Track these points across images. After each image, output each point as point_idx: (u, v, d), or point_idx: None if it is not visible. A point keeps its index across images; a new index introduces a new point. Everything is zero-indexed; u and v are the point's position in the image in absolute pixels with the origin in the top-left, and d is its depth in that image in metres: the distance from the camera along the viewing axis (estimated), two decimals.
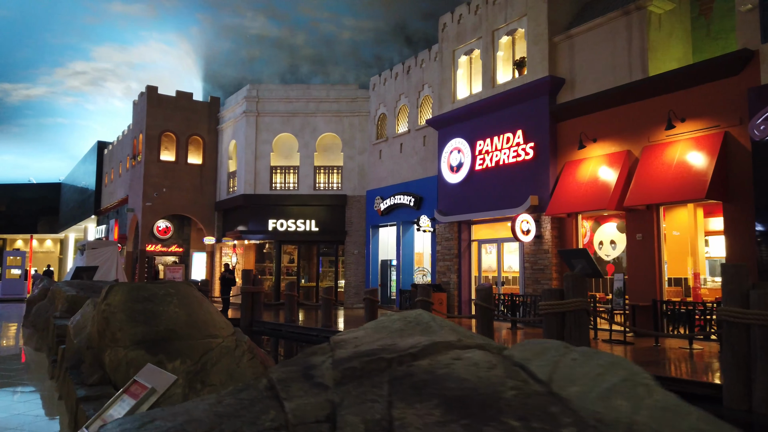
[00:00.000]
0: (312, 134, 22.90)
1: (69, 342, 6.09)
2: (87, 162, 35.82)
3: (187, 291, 5.48)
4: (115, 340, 4.77)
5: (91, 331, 5.13)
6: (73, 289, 8.88)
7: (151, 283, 5.43)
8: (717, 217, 13.36)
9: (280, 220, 22.71)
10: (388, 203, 20.69)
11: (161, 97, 24.53)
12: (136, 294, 5.10)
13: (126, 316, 4.87)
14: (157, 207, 24.12)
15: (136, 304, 5.00)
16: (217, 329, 5.30)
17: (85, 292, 8.95)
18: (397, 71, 21.12)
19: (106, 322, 4.86)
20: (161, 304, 5.10)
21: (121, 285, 5.17)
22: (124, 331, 4.78)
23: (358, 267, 22.32)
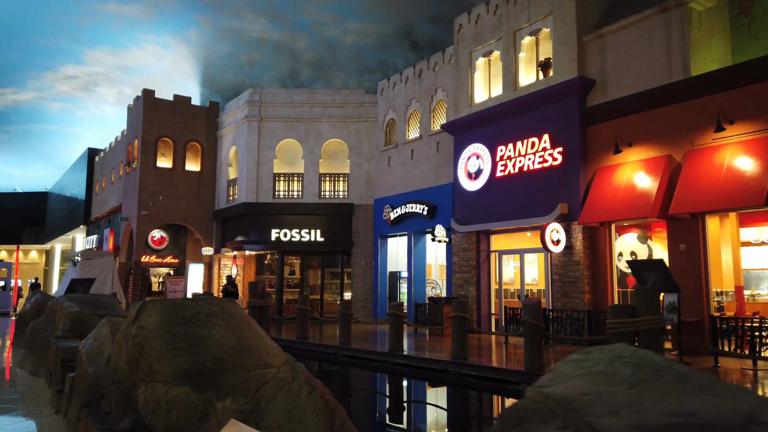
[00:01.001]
0: (317, 140, 21.98)
1: (81, 370, 5.06)
2: (76, 170, 34.50)
3: (233, 309, 4.49)
4: (152, 374, 3.78)
5: (117, 361, 4.12)
6: (76, 305, 7.82)
7: (190, 300, 4.44)
8: (750, 227, 12.66)
9: (284, 229, 21.67)
10: (399, 212, 19.77)
11: (158, 101, 23.48)
12: (174, 314, 4.10)
13: (165, 343, 3.88)
14: (153, 216, 22.97)
15: (176, 326, 4.01)
16: (270, 356, 4.32)
17: (89, 308, 7.89)
18: (407, 75, 20.31)
19: (140, 350, 3.86)
20: (205, 326, 4.11)
21: (156, 303, 4.18)
22: (164, 362, 3.79)
23: (365, 279, 21.32)
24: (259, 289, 15.31)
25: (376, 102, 21.75)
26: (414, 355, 10.81)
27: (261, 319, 15.11)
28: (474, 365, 9.58)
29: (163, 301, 4.22)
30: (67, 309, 7.61)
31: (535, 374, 8.59)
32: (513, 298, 16.24)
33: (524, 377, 8.68)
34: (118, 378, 4.02)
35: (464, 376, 9.58)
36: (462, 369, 9.68)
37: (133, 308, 4.28)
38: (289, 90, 22.57)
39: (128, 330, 4.10)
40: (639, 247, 14.59)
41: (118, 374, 4.04)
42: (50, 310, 8.32)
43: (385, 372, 10.90)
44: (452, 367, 9.85)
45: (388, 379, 10.54)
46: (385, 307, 20.71)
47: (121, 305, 10.94)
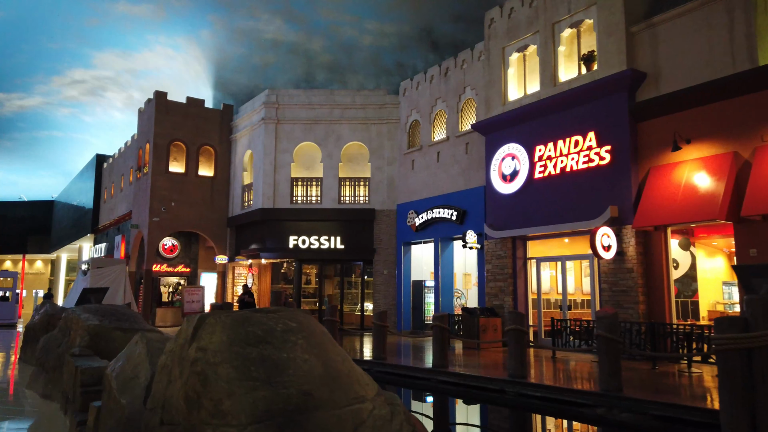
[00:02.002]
0: (336, 143, 21.04)
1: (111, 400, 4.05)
2: (84, 177, 33.63)
3: (311, 324, 3.48)
4: (221, 414, 2.76)
5: (167, 395, 3.10)
6: (94, 317, 6.82)
7: (259, 312, 3.42)
8: None
9: (302, 236, 20.68)
10: (424, 218, 18.77)
11: (170, 103, 22.61)
12: (244, 331, 3.09)
13: (236, 371, 2.87)
14: (164, 223, 22.02)
15: (247, 348, 3.00)
16: (362, 386, 3.31)
17: (110, 320, 6.89)
18: (432, 74, 19.39)
19: (203, 382, 2.85)
20: (284, 346, 3.10)
21: (218, 317, 3.17)
22: (237, 397, 2.77)
23: (387, 288, 20.28)
24: (283, 298, 14.30)
25: (398, 103, 20.84)
26: (464, 372, 9.75)
27: None
28: (537, 385, 8.52)
29: (227, 314, 3.22)
30: (85, 322, 6.62)
31: (614, 396, 7.54)
32: (553, 308, 15.18)
33: (601, 400, 7.63)
34: (171, 418, 2.99)
35: (525, 397, 8.53)
36: (523, 389, 8.62)
37: (188, 323, 3.26)
38: (308, 91, 21.68)
39: (183, 352, 3.08)
40: (681, 254, 13.56)
41: (169, 413, 3.02)
42: (64, 323, 7.32)
43: (430, 391, 9.84)
44: (510, 387, 8.79)
45: (439, 400, 9.47)
46: (409, 317, 19.68)
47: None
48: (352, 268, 21.65)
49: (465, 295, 20.42)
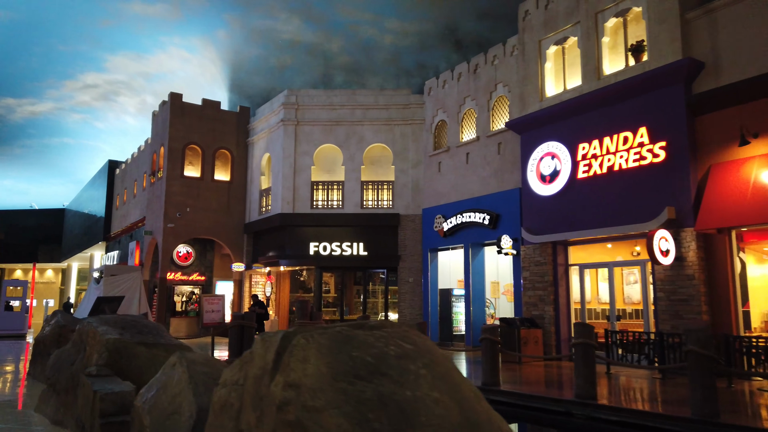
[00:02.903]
0: (358, 145, 20.13)
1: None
2: (96, 183, 32.95)
3: (430, 346, 2.50)
4: None
5: None
6: (113, 330, 5.88)
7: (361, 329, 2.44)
8: None
9: (323, 242, 19.74)
10: (453, 222, 17.78)
11: (186, 105, 21.83)
12: (349, 358, 2.12)
13: (349, 422, 1.89)
14: (179, 229, 21.16)
15: (358, 383, 2.03)
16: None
17: (131, 334, 5.95)
18: (460, 71, 18.48)
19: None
20: (404, 380, 2.13)
21: (310, 335, 2.18)
22: None
23: (413, 297, 19.26)
24: (309, 308, 13.33)
25: (423, 103, 19.92)
26: (522, 391, 8.71)
27: None
28: (613, 408, 7.47)
29: (319, 331, 2.26)
30: (103, 335, 5.68)
31: (711, 423, 6.47)
32: (598, 319, 14.12)
33: (695, 426, 6.57)
34: None
35: (597, 421, 7.48)
36: (594, 412, 7.57)
37: (264, 345, 2.29)
38: (328, 91, 20.82)
39: (261, 388, 2.12)
40: None
41: None
42: (78, 337, 6.38)
43: None
44: (579, 409, 7.75)
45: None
46: (436, 329, 18.64)
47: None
48: (376, 275, 20.67)
49: (494, 305, 19.37)
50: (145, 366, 5.66)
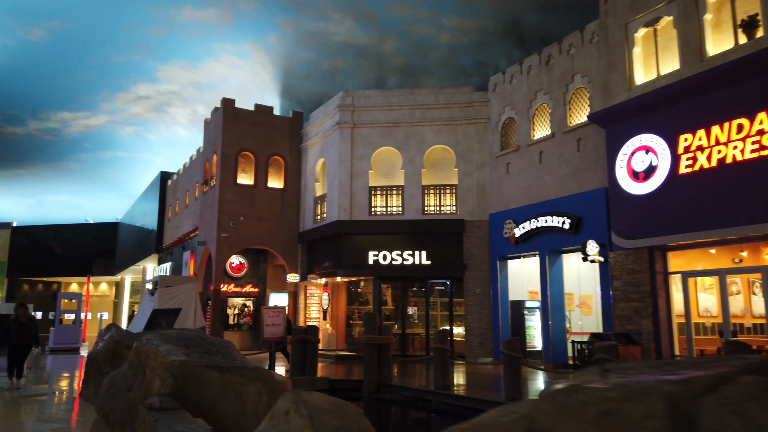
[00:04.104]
0: (418, 147, 18.93)
1: None
2: (148, 196, 32.92)
3: None
4: None
5: None
6: (178, 350, 4.79)
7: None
8: None
9: (383, 251, 18.55)
10: (526, 228, 16.29)
11: (238, 111, 21.17)
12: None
13: None
14: (233, 239, 20.39)
15: None
16: None
17: (199, 354, 4.84)
18: (530, 64, 17.08)
19: None
20: None
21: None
22: None
23: (481, 310, 17.80)
24: (377, 321, 12.11)
25: (488, 100, 18.58)
26: None
27: (381, 361, 11.86)
28: None
29: None
30: (167, 357, 4.57)
31: None
32: (706, 335, 12.36)
33: None
34: None
35: None
36: None
37: None
38: (385, 91, 19.76)
39: None
40: None
41: None
42: (136, 357, 5.32)
43: None
44: None
45: None
46: None
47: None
48: (437, 286, 19.29)
49: (568, 318, 17.70)
50: (218, 395, 4.53)
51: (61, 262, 43.67)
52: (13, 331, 10.82)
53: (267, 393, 4.72)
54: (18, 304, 11.46)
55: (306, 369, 12.28)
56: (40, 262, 42.95)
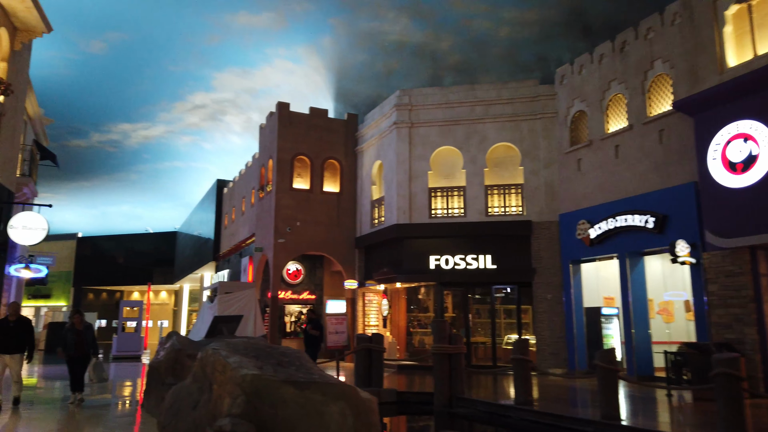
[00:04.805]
0: (480, 146, 18.00)
1: None
2: (204, 204, 33.27)
3: None
4: None
5: None
6: (249, 362, 4.14)
7: None
8: None
9: (445, 255, 17.69)
10: (602, 228, 15.08)
11: (293, 115, 20.84)
12: None
13: None
14: (289, 245, 19.99)
15: None
16: None
17: (273, 367, 4.17)
18: (602, 52, 15.90)
19: None
20: None
21: None
22: None
23: (552, 318, 16.64)
24: (447, 330, 11.24)
25: (555, 93, 17.47)
26: None
27: (452, 372, 10.98)
28: None
29: None
30: (237, 370, 3.91)
31: None
32: None
33: None
34: None
35: None
36: None
37: None
38: (444, 88, 18.94)
39: None
40: None
41: None
42: (200, 369, 4.70)
43: None
44: None
45: None
46: (583, 354, 15.90)
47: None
48: (504, 292, 18.22)
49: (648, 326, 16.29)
50: (297, 416, 3.83)
51: (123, 271, 44.89)
52: (70, 341, 9.82)
53: (352, 413, 4.00)
54: (73, 311, 10.33)
55: (371, 380, 11.53)
56: (104, 272, 44.26)
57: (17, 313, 9.43)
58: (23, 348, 9.32)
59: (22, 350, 9.30)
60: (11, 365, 9.18)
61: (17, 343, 9.21)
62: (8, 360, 9.14)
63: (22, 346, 9.29)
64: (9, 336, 9.12)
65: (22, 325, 9.37)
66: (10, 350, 9.13)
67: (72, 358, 9.78)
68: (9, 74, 12.52)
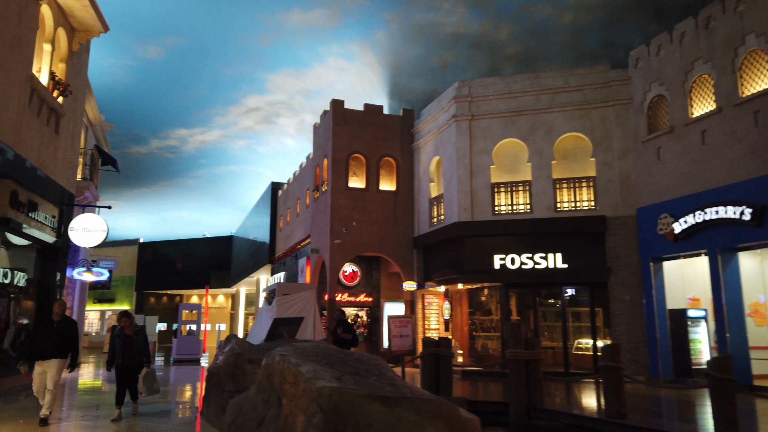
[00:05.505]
0: (546, 137, 16.89)
1: None
2: (259, 208, 33.35)
3: None
4: None
5: None
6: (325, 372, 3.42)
7: None
8: None
9: (510, 254, 16.66)
10: (689, 222, 13.71)
11: (348, 112, 20.31)
12: None
13: None
14: (346, 246, 19.43)
15: None
16: None
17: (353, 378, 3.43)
18: (682, 30, 14.52)
19: None
20: None
21: None
22: None
23: (631, 321, 15.32)
24: (523, 333, 10.28)
25: (628, 78, 16.17)
26: None
27: (529, 379, 10.01)
28: None
29: None
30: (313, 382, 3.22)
31: None
32: None
33: None
34: None
35: None
36: None
37: None
38: (506, 78, 17.92)
39: None
40: None
41: None
42: (266, 378, 4.04)
43: None
44: None
45: None
46: (667, 360, 14.53)
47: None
48: (574, 293, 17.01)
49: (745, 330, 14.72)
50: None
51: (182, 275, 45.76)
52: (118, 348, 8.38)
53: None
54: (121, 313, 8.73)
55: (439, 387, 10.70)
56: (164, 276, 45.24)
57: (62, 313, 8.05)
58: (66, 353, 7.91)
59: (64, 355, 7.89)
60: (49, 371, 7.80)
61: (60, 347, 7.84)
62: (46, 366, 7.80)
63: (64, 351, 7.90)
64: (50, 338, 7.80)
65: (67, 326, 8.01)
66: (50, 355, 7.77)
67: (120, 368, 8.42)
68: (68, 75, 12.49)
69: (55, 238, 12.50)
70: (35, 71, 11.03)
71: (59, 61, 12.31)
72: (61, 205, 12.82)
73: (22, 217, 10.68)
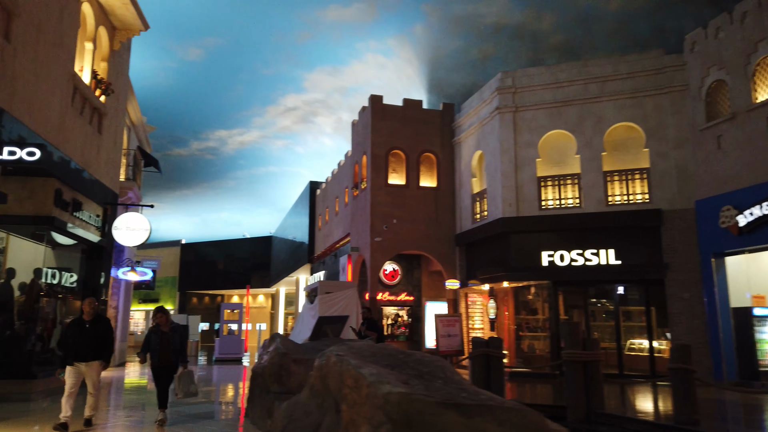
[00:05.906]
0: (596, 127, 16.12)
1: None
2: (298, 207, 33.35)
3: None
4: None
5: None
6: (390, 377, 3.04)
7: None
8: None
9: (559, 251, 15.96)
10: (755, 214, 12.79)
11: (386, 107, 19.93)
12: None
13: None
14: (386, 244, 19.05)
15: None
16: None
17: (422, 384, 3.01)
18: (744, 9, 13.60)
19: None
20: None
21: None
22: None
23: (691, 320, 14.43)
24: (581, 333, 9.66)
25: (684, 63, 15.26)
26: None
27: (587, 381, 9.39)
28: None
29: None
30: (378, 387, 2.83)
31: None
32: None
33: None
34: None
35: None
36: None
37: None
38: (552, 67, 17.22)
39: None
40: None
41: None
42: (320, 380, 3.68)
43: None
44: None
45: None
46: (732, 362, 13.61)
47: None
48: (629, 291, 16.18)
49: None
50: None
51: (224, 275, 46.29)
52: (154, 346, 7.79)
53: None
54: (156, 309, 8.05)
55: (490, 390, 10.17)
56: (205, 276, 45.87)
57: (94, 312, 7.52)
58: (101, 354, 7.52)
59: (100, 356, 7.51)
60: (88, 375, 7.44)
61: (95, 348, 7.44)
62: (84, 369, 7.42)
63: (100, 352, 7.52)
64: (85, 339, 7.38)
65: (101, 325, 7.58)
66: (86, 356, 7.36)
67: (156, 367, 7.86)
68: (109, 74, 12.51)
69: (99, 237, 12.53)
70: (77, 70, 11.04)
71: (101, 60, 12.34)
72: (105, 204, 12.85)
73: (67, 216, 10.68)
